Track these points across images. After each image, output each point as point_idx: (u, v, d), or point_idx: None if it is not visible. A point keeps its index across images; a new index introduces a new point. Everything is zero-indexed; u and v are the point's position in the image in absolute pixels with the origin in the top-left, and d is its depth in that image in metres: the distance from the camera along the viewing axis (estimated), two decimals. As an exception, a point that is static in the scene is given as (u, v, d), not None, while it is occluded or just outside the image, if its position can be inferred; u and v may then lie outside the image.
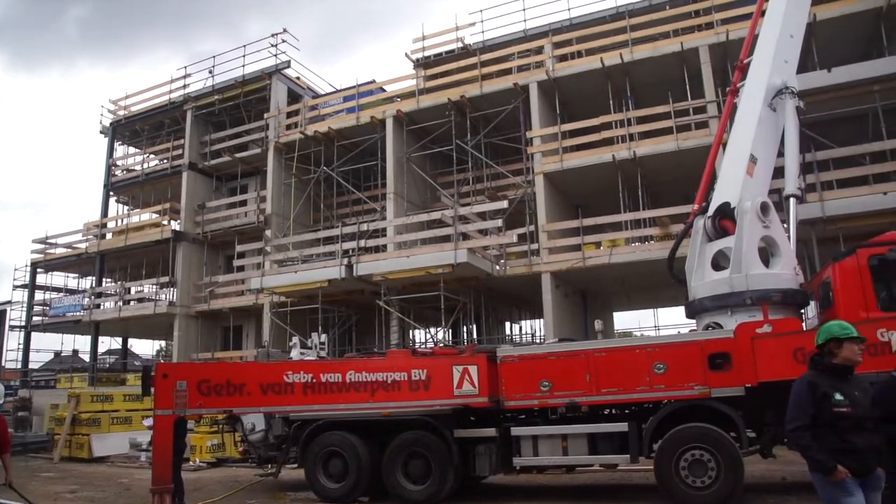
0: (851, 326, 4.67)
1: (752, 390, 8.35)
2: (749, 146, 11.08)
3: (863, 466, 4.36)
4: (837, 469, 4.29)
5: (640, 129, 18.56)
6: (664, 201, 19.80)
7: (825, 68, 15.89)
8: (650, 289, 22.48)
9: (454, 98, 20.58)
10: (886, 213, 14.50)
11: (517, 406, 9.65)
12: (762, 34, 12.66)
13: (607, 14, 21.50)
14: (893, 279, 8.80)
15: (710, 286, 10.24)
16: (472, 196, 21.45)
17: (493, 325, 23.90)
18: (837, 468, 4.29)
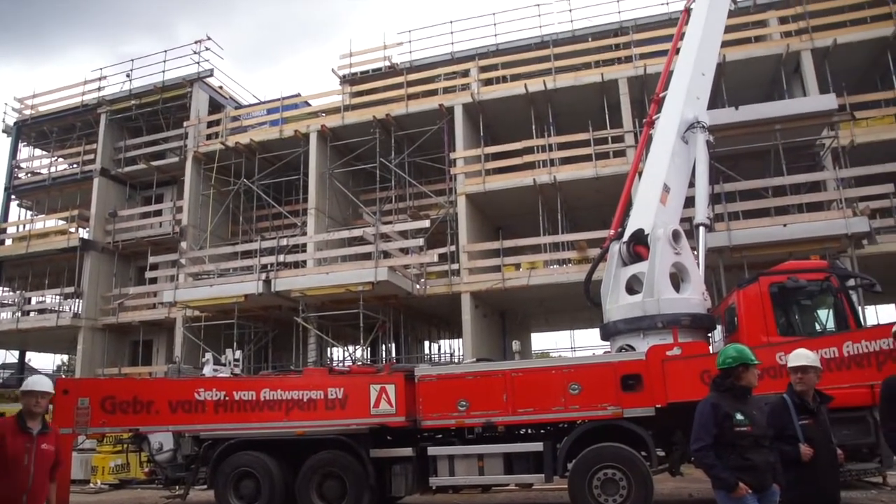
0: (745, 349, 4.93)
1: (661, 410, 8.61)
2: (663, 176, 11.53)
3: (760, 482, 4.61)
4: (739, 486, 4.53)
5: (561, 154, 19.08)
6: (582, 226, 20.39)
7: (733, 106, 16.75)
8: (567, 311, 22.98)
9: (379, 116, 20.61)
10: (786, 244, 15.34)
11: (434, 426, 9.63)
12: (677, 70, 13.28)
13: (532, 42, 22.08)
14: (791, 306, 9.35)
15: (624, 309, 10.53)
16: (395, 214, 21.46)
17: (413, 343, 23.85)
18: (739, 485, 4.53)
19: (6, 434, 4.94)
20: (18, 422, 5.06)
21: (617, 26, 21.58)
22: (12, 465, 4.91)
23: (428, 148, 20.86)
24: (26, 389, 5.14)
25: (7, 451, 4.91)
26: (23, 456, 4.94)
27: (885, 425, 4.91)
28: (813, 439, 4.92)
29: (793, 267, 9.82)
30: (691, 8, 14.42)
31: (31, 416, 5.09)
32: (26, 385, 5.17)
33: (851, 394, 7.27)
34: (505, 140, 20.65)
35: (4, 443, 4.91)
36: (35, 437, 5.04)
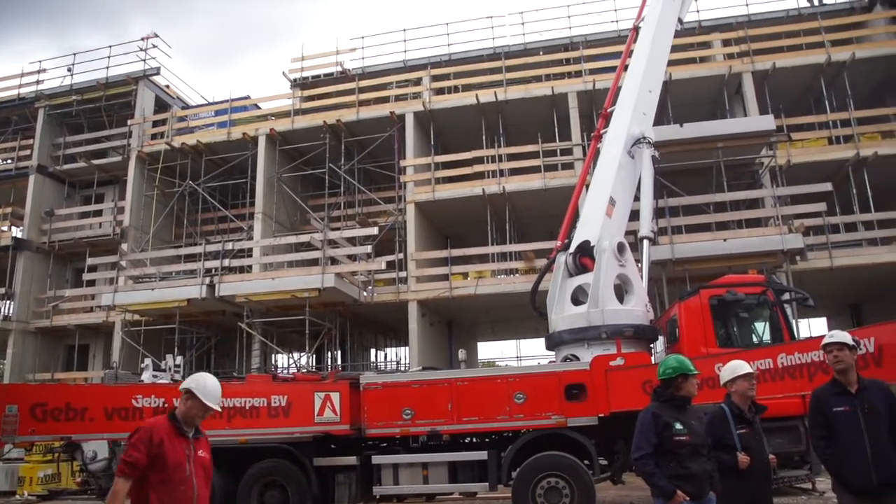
0: (685, 360, 5.06)
1: (604, 420, 8.75)
2: (609, 189, 11.75)
3: (698, 490, 4.74)
4: (676, 494, 4.64)
5: (511, 165, 19.29)
6: (530, 236, 20.62)
7: (678, 123, 17.25)
8: (514, 320, 23.17)
9: (330, 121, 20.47)
10: (726, 258, 15.82)
11: (379, 434, 9.57)
12: (624, 87, 13.57)
13: (485, 53, 22.30)
14: (730, 318, 9.63)
15: (569, 320, 10.66)
16: (343, 221, 21.31)
17: (358, 351, 23.69)
18: (676, 493, 4.64)
19: (164, 438, 4.13)
20: (174, 423, 4.26)
21: (568, 41, 21.97)
22: (174, 475, 4.11)
23: (378, 155, 20.82)
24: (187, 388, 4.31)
25: (167, 459, 4.09)
26: (184, 465, 4.20)
27: (813, 434, 5.10)
28: (749, 448, 5.08)
29: (732, 281, 10.11)
30: (640, 27, 14.78)
31: (189, 420, 4.33)
32: (199, 390, 4.27)
33: (785, 404, 7.52)
34: (455, 149, 20.76)
35: (163, 449, 4.10)
36: (192, 441, 4.33)
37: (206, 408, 4.30)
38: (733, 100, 19.65)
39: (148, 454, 4.02)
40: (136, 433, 4.14)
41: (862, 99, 19.51)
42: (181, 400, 4.32)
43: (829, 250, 17.01)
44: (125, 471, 4.01)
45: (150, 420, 4.40)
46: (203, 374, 4.47)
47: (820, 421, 4.97)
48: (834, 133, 18.84)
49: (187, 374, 18.09)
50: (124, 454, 4.06)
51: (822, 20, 19.89)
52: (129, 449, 4.05)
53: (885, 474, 4.65)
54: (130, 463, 4.00)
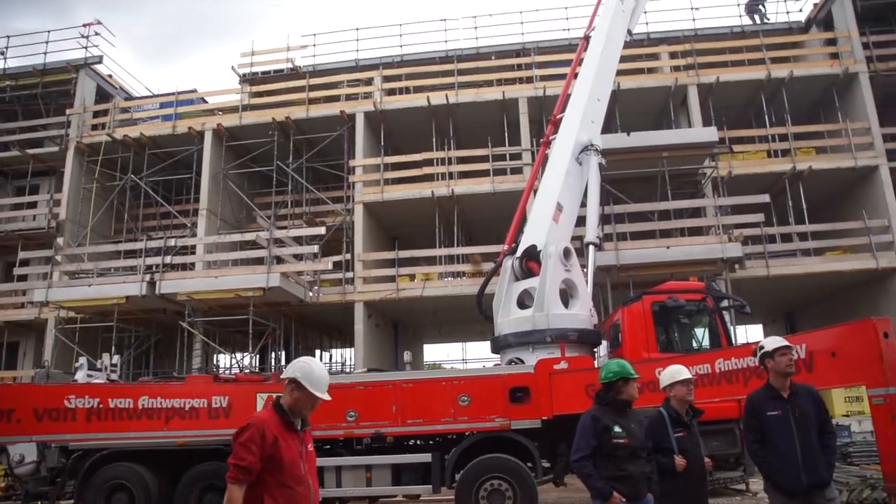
0: (627, 364, 5.16)
1: (547, 423, 8.83)
2: (557, 195, 11.89)
3: (635, 492, 4.84)
4: (613, 495, 4.73)
5: (460, 168, 19.36)
6: (478, 239, 20.73)
7: (625, 132, 17.58)
8: (460, 323, 23.23)
9: (279, 118, 20.18)
10: (669, 265, 16.19)
11: (322, 436, 9.43)
12: (574, 94, 13.76)
13: (437, 55, 22.32)
14: (671, 324, 9.86)
15: (515, 323, 10.75)
16: (290, 220, 21.02)
17: (303, 352, 23.39)
18: (613, 494, 4.73)
19: (276, 435, 3.69)
20: (283, 417, 3.81)
21: (520, 47, 22.18)
22: (291, 475, 3.71)
23: (327, 154, 20.62)
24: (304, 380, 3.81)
25: (283, 459, 3.67)
26: (297, 464, 3.77)
27: (747, 437, 5.26)
28: (686, 450, 5.20)
29: (673, 287, 10.36)
30: (590, 36, 15.01)
31: (297, 412, 3.87)
32: (307, 379, 3.80)
33: (721, 407, 7.72)
34: (405, 151, 20.73)
35: (278, 447, 3.66)
36: (301, 435, 3.89)
37: (314, 399, 3.84)
38: (679, 111, 20.16)
39: (262, 455, 3.60)
40: (245, 431, 3.66)
41: (799, 115, 20.27)
42: (286, 391, 3.86)
43: (765, 260, 17.59)
44: (239, 476, 3.57)
45: (258, 415, 3.86)
46: (307, 360, 4.01)
47: (754, 424, 5.13)
48: (772, 147, 19.52)
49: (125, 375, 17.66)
50: (234, 457, 3.60)
51: (763, 38, 20.60)
52: (239, 450, 3.60)
53: (814, 476, 4.83)
54: (244, 467, 3.56)
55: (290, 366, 3.94)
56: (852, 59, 19.62)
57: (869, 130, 18.96)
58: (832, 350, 6.30)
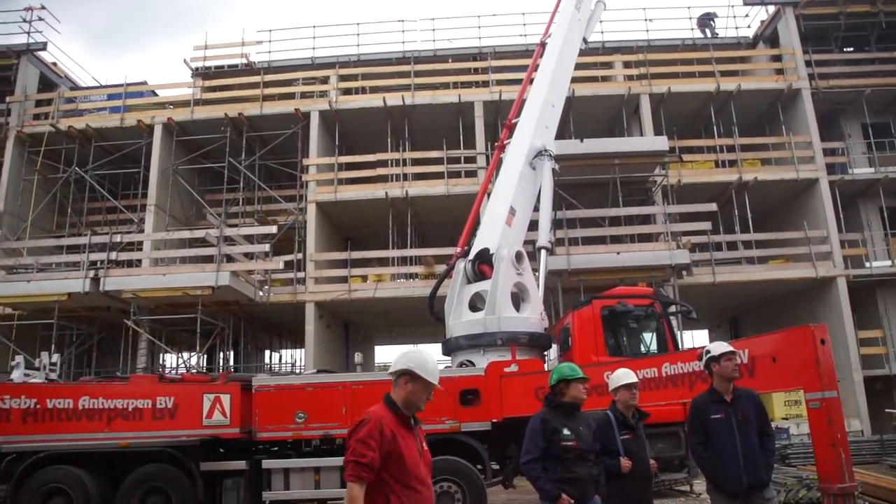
0: (578, 368, 5.23)
1: (497, 425, 8.89)
2: (510, 199, 11.97)
3: (583, 494, 4.90)
4: (561, 497, 4.78)
5: (415, 170, 19.36)
6: (431, 241, 20.73)
7: (579, 138, 17.82)
8: (412, 325, 23.18)
9: (232, 114, 19.85)
10: (619, 271, 16.47)
11: (270, 438, 9.33)
12: (529, 100, 13.88)
13: (394, 56, 22.26)
14: (620, 328, 10.02)
15: (466, 326, 10.77)
16: (241, 218, 20.68)
17: (252, 352, 23.05)
18: (561, 496, 4.78)
19: (395, 431, 3.49)
20: (397, 412, 3.61)
21: (477, 51, 22.28)
22: (412, 474, 3.51)
23: (281, 152, 20.35)
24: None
25: (404, 456, 3.47)
26: (418, 462, 3.57)
27: (691, 440, 5.38)
28: (632, 453, 5.30)
29: (622, 292, 10.52)
30: (546, 43, 15.18)
31: (412, 406, 3.66)
32: (422, 369, 3.63)
33: (667, 411, 7.88)
34: (360, 151, 20.63)
35: (397, 444, 3.46)
36: (416, 432, 3.68)
37: (430, 388, 3.66)
38: (631, 119, 20.54)
39: (381, 451, 3.40)
40: (362, 426, 3.45)
41: (746, 127, 20.86)
42: (398, 384, 3.67)
43: (712, 267, 18.03)
44: (360, 474, 3.36)
45: (373, 409, 3.60)
46: (414, 349, 3.82)
47: (698, 427, 5.26)
48: (720, 157, 20.04)
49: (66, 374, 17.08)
50: (352, 454, 3.40)
51: (713, 52, 21.12)
52: (358, 447, 3.39)
53: (754, 478, 5.00)
54: (366, 464, 3.35)
55: (399, 358, 3.77)
56: (796, 75, 20.30)
57: (810, 144, 19.64)
58: (773, 355, 6.49)
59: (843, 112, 21.40)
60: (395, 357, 3.79)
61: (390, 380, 3.76)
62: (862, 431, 16.89)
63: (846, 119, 21.54)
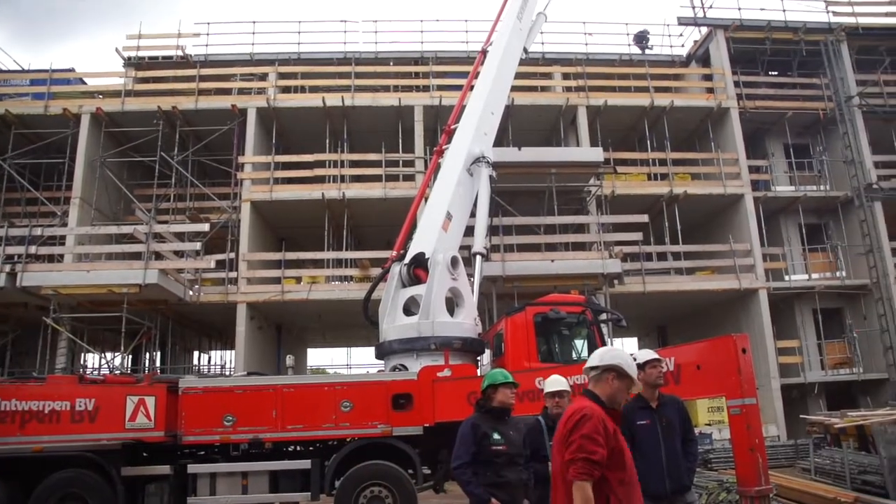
0: (509, 374, 5.29)
1: (429, 429, 8.89)
2: (447, 204, 12.02)
3: (512, 498, 4.96)
4: (491, 501, 4.81)
5: (352, 172, 19.22)
6: (367, 244, 20.64)
7: (517, 146, 18.03)
8: (345, 328, 23.00)
9: (165, 107, 19.26)
10: (553, 278, 16.70)
11: (197, 441, 9.08)
12: (469, 106, 14.00)
13: (335, 56, 22.07)
14: (552, 335, 10.17)
15: (400, 330, 10.74)
16: (172, 215, 20.03)
17: (181, 353, 22.40)
18: (491, 500, 4.81)
19: (613, 427, 3.41)
20: (608, 409, 3.53)
21: (418, 55, 22.31)
22: (631, 472, 3.44)
23: (215, 148, 19.84)
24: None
25: (625, 453, 3.41)
26: (631, 458, 3.53)
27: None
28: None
29: (555, 299, 10.69)
30: (488, 50, 15.35)
31: (617, 403, 3.62)
32: (628, 366, 3.59)
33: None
34: (297, 150, 20.35)
35: (618, 440, 3.38)
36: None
37: (632, 385, 3.64)
38: (568, 130, 20.92)
39: (607, 447, 3.26)
40: (585, 421, 3.28)
41: (677, 142, 21.57)
42: (603, 380, 3.58)
43: (642, 276, 18.51)
44: (592, 472, 3.20)
45: (587, 405, 3.45)
46: (613, 347, 3.87)
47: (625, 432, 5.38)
48: (653, 170, 20.61)
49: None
50: (580, 450, 3.22)
51: (648, 68, 21.76)
52: (586, 443, 3.22)
53: (676, 482, 5.15)
54: (597, 461, 3.20)
55: (604, 355, 3.72)
56: (725, 94, 21.12)
57: (737, 161, 20.44)
58: (697, 363, 6.70)
59: (768, 132, 22.37)
60: (598, 353, 3.77)
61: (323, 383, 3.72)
62: (778, 437, 17.63)
63: (770, 139, 22.52)
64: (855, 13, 22.67)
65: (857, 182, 20.55)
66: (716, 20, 22.12)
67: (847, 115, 21.15)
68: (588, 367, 3.68)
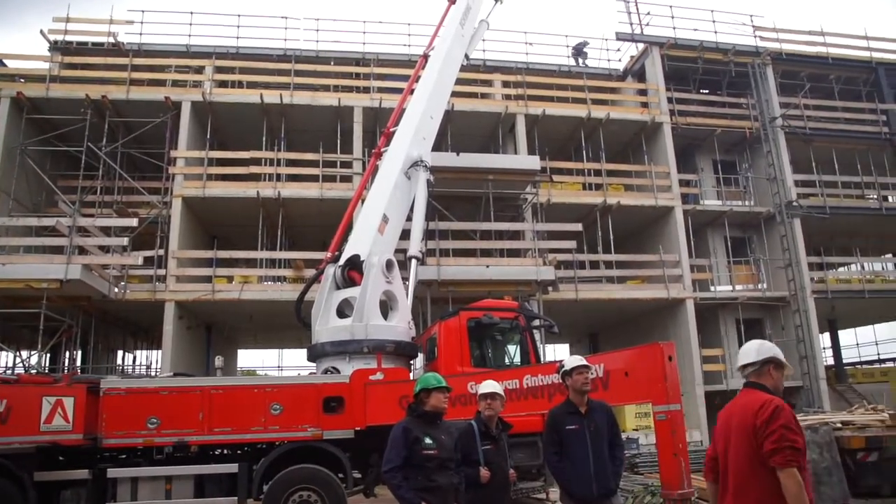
0: (442, 378, 5.31)
1: (360, 433, 8.83)
2: (384, 206, 12.00)
3: (443, 502, 4.96)
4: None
5: (289, 171, 18.93)
6: (302, 245, 20.34)
7: (455, 152, 18.14)
8: (277, 329, 22.61)
9: (94, 96, 18.50)
10: (487, 283, 16.86)
11: (118, 445, 8.75)
12: (408, 110, 14.01)
13: (275, 53, 21.70)
14: (485, 340, 10.26)
15: (333, 332, 10.66)
16: (98, 208, 19.24)
17: (103, 352, 21.57)
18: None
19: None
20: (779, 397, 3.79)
21: (360, 56, 22.15)
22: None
23: (147, 141, 19.17)
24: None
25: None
26: None
27: (547, 449, 5.59)
28: (492, 462, 5.42)
29: (489, 305, 10.79)
30: (430, 55, 15.40)
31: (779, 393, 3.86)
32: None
33: (527, 421, 8.12)
34: (233, 147, 19.93)
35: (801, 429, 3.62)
36: None
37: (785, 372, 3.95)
38: (507, 137, 21.15)
39: (801, 435, 3.54)
40: (781, 412, 3.54)
41: (612, 154, 22.10)
42: (765, 372, 3.83)
43: (575, 284, 18.86)
44: (798, 459, 3.47)
45: (769, 397, 3.69)
46: (761, 340, 4.02)
47: (554, 437, 5.47)
48: (588, 180, 21.06)
49: None
50: (782, 440, 3.46)
51: (586, 80, 22.22)
52: (787, 433, 3.46)
53: (604, 487, 5.27)
54: (799, 448, 3.47)
55: (759, 349, 3.93)
56: (659, 109, 21.76)
57: (668, 175, 21.09)
58: (625, 370, 6.85)
59: (698, 148, 23.18)
60: (752, 348, 3.96)
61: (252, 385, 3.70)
62: (701, 441, 18.22)
63: (700, 154, 23.35)
64: (780, 39, 23.80)
65: (778, 199, 21.50)
66: (652, 37, 22.82)
67: (771, 134, 22.12)
68: (744, 363, 3.91)
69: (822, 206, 21.80)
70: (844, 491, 10.98)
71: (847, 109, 23.77)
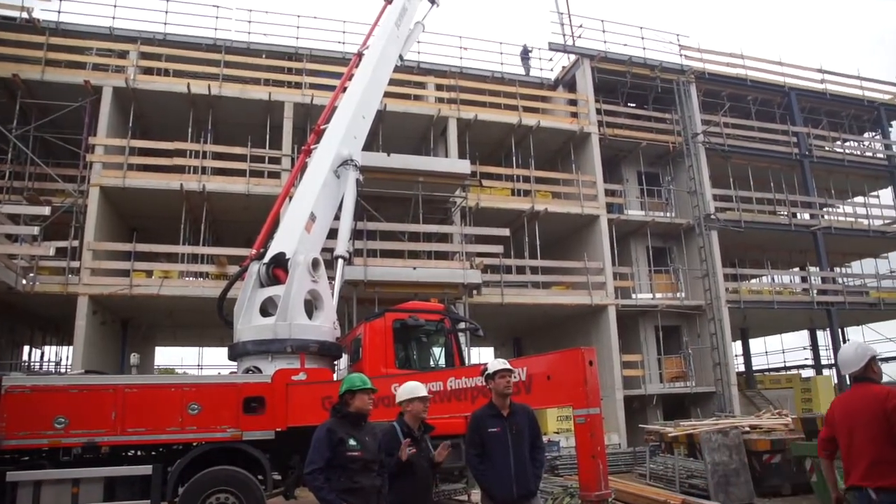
0: (368, 379, 5.27)
1: (281, 434, 8.68)
2: (311, 204, 11.85)
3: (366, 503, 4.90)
4: (342, 507, 4.75)
5: (215, 164, 18.41)
6: (226, 241, 19.87)
7: (386, 152, 18.07)
8: (198, 326, 21.99)
9: (4, 75, 17.51)
10: (414, 285, 16.84)
11: (20, 446, 8.30)
12: (340, 108, 13.89)
13: (204, 42, 21.04)
14: (410, 342, 10.27)
15: (256, 331, 10.45)
16: (8, 194, 18.21)
17: (8, 348, 20.45)
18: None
19: None
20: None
21: (293, 50, 21.77)
22: None
23: (63, 126, 18.27)
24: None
25: None
26: None
27: (469, 451, 5.63)
28: (415, 464, 5.41)
29: (415, 307, 10.81)
30: (364, 53, 15.31)
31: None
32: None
33: (450, 423, 8.16)
34: (156, 137, 19.26)
35: None
36: None
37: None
38: (438, 140, 21.23)
39: None
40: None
41: (541, 161, 22.48)
42: (870, 368, 4.61)
43: (501, 288, 19.08)
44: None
45: (888, 387, 4.54)
46: (859, 342, 4.98)
47: (476, 440, 5.51)
48: (517, 186, 21.34)
49: None
50: None
51: (518, 87, 22.54)
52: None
53: (524, 488, 5.34)
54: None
55: (858, 351, 4.70)
56: (588, 120, 22.30)
57: (595, 184, 21.62)
58: (548, 374, 6.97)
59: (624, 159, 23.88)
60: (850, 354, 4.72)
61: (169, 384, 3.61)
62: (619, 444, 18.76)
63: (625, 165, 24.06)
64: (703, 59, 24.87)
65: (698, 212, 22.36)
66: (583, 49, 23.35)
67: (692, 150, 23.01)
68: (855, 363, 4.65)
69: (738, 221, 22.88)
70: (750, 490, 11.55)
71: (763, 129, 24.97)
